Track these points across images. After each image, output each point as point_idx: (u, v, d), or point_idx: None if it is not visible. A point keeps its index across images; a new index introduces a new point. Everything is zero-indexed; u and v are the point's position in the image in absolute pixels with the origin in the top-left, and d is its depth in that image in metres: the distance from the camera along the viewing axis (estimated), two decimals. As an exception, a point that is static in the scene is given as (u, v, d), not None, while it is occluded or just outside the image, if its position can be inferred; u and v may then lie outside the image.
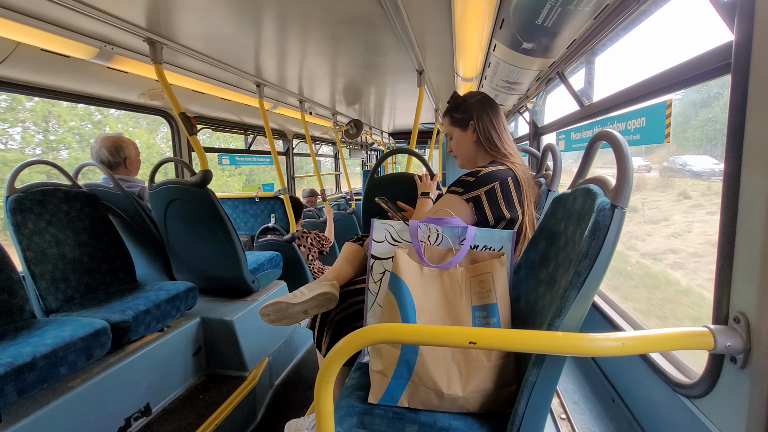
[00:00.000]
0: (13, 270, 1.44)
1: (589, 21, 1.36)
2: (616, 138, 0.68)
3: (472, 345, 0.58)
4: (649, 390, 1.04)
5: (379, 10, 1.53)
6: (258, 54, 2.10)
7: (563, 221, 0.85)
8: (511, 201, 1.16)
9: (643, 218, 2.30)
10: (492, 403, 0.90)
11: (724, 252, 0.70)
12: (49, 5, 1.38)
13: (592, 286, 0.67)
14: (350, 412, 0.90)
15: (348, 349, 0.59)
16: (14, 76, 1.83)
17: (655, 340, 0.61)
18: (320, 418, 0.61)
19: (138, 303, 1.65)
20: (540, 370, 0.73)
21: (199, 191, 1.85)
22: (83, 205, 1.88)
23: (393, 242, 1.07)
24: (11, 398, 1.12)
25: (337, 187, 7.12)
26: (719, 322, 0.71)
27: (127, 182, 2.08)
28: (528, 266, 0.99)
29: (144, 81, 2.26)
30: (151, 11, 1.51)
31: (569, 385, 1.42)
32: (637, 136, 1.30)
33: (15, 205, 1.61)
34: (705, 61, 0.84)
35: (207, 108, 3.10)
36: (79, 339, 1.33)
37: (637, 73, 1.18)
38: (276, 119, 4.04)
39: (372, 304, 1.09)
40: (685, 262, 1.84)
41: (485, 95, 1.36)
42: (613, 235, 0.65)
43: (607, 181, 0.71)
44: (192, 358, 1.91)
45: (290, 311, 1.16)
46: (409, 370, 0.89)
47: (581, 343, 0.58)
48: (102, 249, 1.89)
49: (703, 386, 0.78)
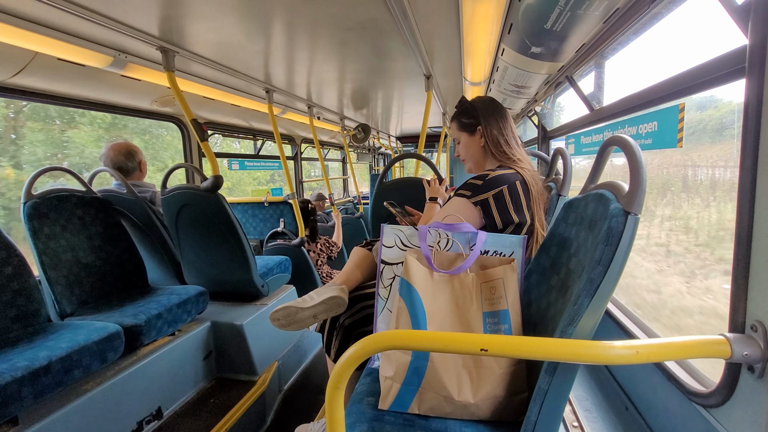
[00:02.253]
0: (30, 275, 1.47)
1: (598, 25, 1.35)
2: (629, 143, 0.67)
3: (484, 352, 0.58)
4: (663, 398, 1.02)
5: (387, 15, 1.54)
6: (267, 60, 2.13)
7: (575, 227, 0.84)
8: (519, 205, 1.15)
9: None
10: (503, 410, 0.89)
11: (740, 259, 0.69)
12: (67, 16, 1.42)
13: (606, 294, 0.66)
14: (361, 418, 0.90)
15: (360, 355, 0.59)
16: (32, 85, 1.88)
17: (669, 349, 0.60)
18: (331, 424, 0.62)
19: (150, 307, 1.67)
20: (552, 377, 0.72)
21: (210, 196, 1.87)
22: (97, 210, 1.91)
23: (403, 247, 1.07)
24: (28, 401, 1.14)
25: (345, 191, 7.14)
26: (736, 330, 0.70)
27: (139, 187, 2.11)
28: (539, 272, 0.98)
29: (156, 88, 2.31)
30: (164, 20, 1.54)
31: (581, 392, 1.40)
32: (649, 141, 1.29)
33: (32, 211, 1.64)
34: (718, 65, 0.83)
35: (217, 114, 3.14)
36: (93, 343, 1.35)
37: (648, 77, 1.17)
38: (285, 124, 4.08)
39: (382, 310, 1.09)
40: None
41: (493, 100, 1.35)
42: (627, 242, 0.65)
43: (619, 186, 0.70)
44: (202, 362, 1.93)
45: (300, 316, 1.17)
46: (419, 376, 0.89)
47: (595, 351, 0.57)
48: (115, 254, 1.92)
49: (719, 395, 0.76)
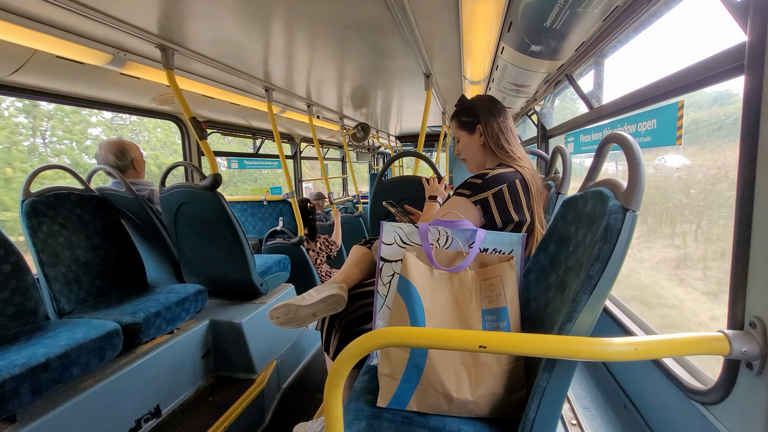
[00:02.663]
0: (28, 272, 1.47)
1: (598, 23, 1.35)
2: (628, 140, 0.67)
3: (483, 349, 0.58)
4: (661, 396, 1.03)
5: (386, 14, 1.53)
6: (267, 59, 2.13)
7: (573, 224, 0.84)
8: (519, 203, 1.15)
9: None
10: (502, 407, 0.89)
11: (739, 256, 0.69)
12: (66, 13, 1.42)
13: (604, 290, 0.66)
14: (359, 415, 0.90)
15: (357, 353, 0.59)
16: (30, 83, 1.88)
17: (668, 345, 0.60)
18: (330, 421, 0.61)
19: (148, 305, 1.67)
20: (551, 374, 0.72)
21: (209, 194, 1.87)
22: (95, 208, 1.91)
23: (402, 245, 1.07)
24: (26, 398, 1.14)
25: (344, 191, 7.14)
26: (735, 327, 0.70)
27: (137, 185, 2.11)
28: (538, 270, 0.98)
29: (155, 86, 2.30)
30: (164, 18, 1.54)
31: (580, 390, 1.40)
32: (648, 138, 1.29)
33: (30, 209, 1.64)
34: (717, 62, 0.83)
35: (216, 112, 3.14)
36: (91, 341, 1.35)
37: (647, 75, 1.17)
38: (284, 123, 4.08)
39: (381, 307, 1.09)
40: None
41: (492, 98, 1.35)
42: (625, 239, 0.65)
43: (618, 183, 0.70)
44: (201, 360, 1.93)
45: (299, 313, 1.17)
46: (418, 373, 0.89)
47: (593, 348, 0.57)
48: (113, 252, 1.92)
49: (718, 393, 0.76)
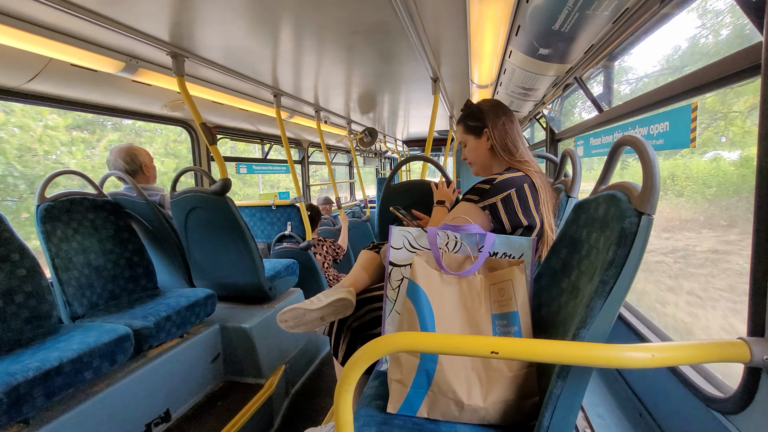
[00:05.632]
0: (43, 276, 1.49)
1: (607, 25, 1.34)
2: (641, 142, 0.66)
3: (495, 355, 0.57)
4: (678, 404, 1.00)
5: (394, 19, 1.54)
6: (275, 65, 2.15)
7: (586, 228, 0.83)
8: (528, 208, 1.14)
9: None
10: (514, 414, 0.87)
11: (760, 260, 0.67)
12: (80, 22, 1.45)
13: (619, 296, 0.65)
14: (369, 421, 0.89)
15: (368, 358, 0.58)
16: (45, 91, 1.92)
17: (686, 352, 0.58)
18: (340, 426, 0.61)
19: (159, 309, 1.68)
20: (565, 382, 0.71)
21: (219, 199, 1.89)
22: (108, 213, 1.94)
23: (411, 249, 1.07)
24: (39, 402, 1.15)
25: (352, 195, 7.15)
26: (755, 333, 0.68)
27: (148, 191, 2.14)
28: (549, 274, 0.97)
29: (166, 93, 2.34)
30: (175, 26, 1.57)
31: (593, 398, 1.38)
32: (660, 141, 1.27)
33: (45, 214, 1.67)
34: (733, 62, 0.82)
35: (226, 118, 3.18)
36: (103, 345, 1.36)
37: (659, 77, 1.15)
38: (292, 128, 4.11)
39: (390, 312, 1.08)
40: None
41: (499, 102, 1.35)
42: (641, 243, 0.63)
43: (632, 187, 0.69)
44: (210, 364, 1.93)
45: (307, 317, 1.17)
46: (428, 379, 0.88)
47: (609, 354, 0.56)
48: (125, 256, 1.94)
49: (738, 401, 0.74)
